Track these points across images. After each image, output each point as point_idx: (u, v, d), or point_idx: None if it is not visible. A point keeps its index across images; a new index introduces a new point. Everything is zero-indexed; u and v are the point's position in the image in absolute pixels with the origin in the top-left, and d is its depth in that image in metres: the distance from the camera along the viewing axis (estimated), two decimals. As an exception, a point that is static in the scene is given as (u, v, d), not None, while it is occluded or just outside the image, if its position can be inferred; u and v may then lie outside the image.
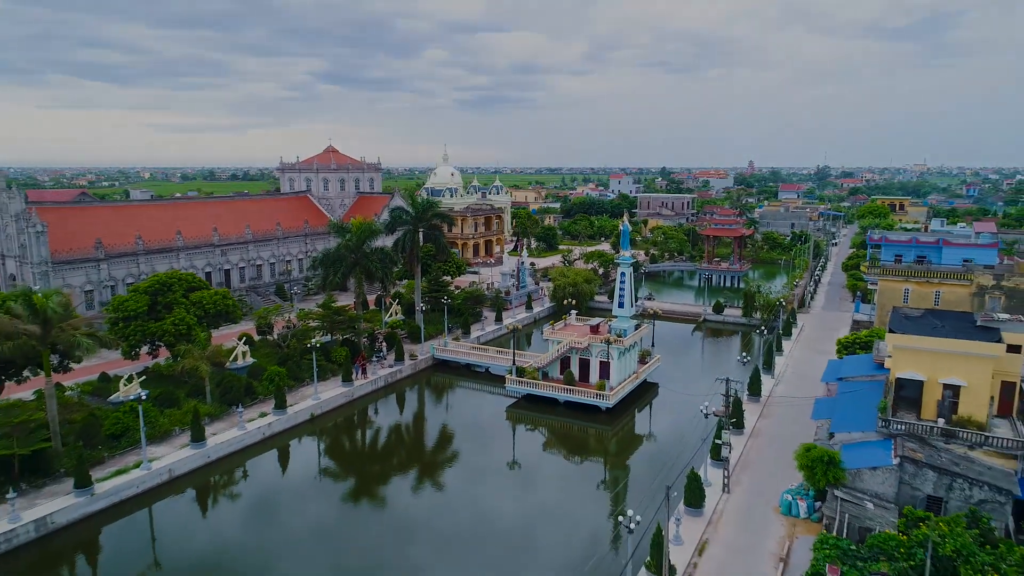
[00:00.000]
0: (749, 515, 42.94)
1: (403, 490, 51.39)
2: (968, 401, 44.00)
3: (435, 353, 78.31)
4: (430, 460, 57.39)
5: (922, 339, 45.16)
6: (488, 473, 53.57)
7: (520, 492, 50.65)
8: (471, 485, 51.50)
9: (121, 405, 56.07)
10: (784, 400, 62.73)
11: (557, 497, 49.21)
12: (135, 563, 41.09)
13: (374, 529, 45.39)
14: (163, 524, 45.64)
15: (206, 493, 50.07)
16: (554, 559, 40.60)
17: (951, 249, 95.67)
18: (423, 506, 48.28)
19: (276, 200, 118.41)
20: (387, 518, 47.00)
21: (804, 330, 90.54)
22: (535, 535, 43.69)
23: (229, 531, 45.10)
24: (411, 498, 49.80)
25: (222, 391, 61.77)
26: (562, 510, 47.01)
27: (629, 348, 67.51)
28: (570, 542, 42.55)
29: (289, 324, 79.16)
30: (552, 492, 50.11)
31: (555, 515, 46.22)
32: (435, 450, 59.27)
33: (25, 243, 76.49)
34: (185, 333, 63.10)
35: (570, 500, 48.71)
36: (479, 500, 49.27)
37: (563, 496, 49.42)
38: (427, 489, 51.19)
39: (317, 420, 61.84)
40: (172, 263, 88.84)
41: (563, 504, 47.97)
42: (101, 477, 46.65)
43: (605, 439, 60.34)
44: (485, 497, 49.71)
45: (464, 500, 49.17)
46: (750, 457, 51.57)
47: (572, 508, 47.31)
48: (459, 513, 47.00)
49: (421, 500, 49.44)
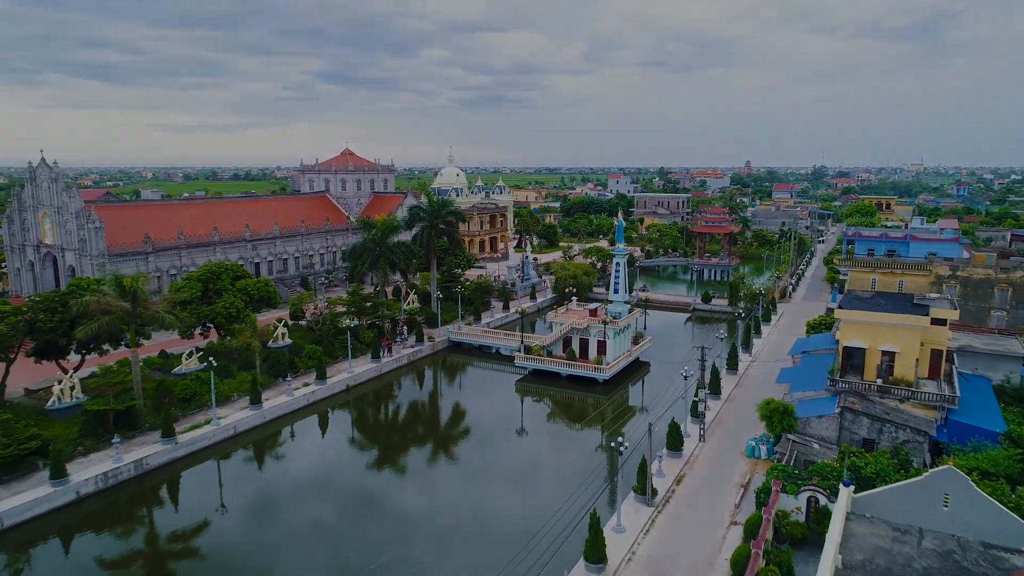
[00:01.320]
0: (720, 457, 52.20)
1: (428, 446, 60.67)
2: (901, 364, 53.33)
3: (450, 336, 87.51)
4: (450, 422, 66.66)
5: (864, 313, 54.50)
6: (501, 433, 62.84)
7: (529, 445, 59.91)
8: (487, 440, 60.83)
9: (185, 376, 65.34)
10: (758, 374, 71.93)
11: (561, 447, 58.47)
12: (211, 499, 50.33)
13: (403, 475, 54.64)
14: (230, 469, 54.87)
15: (263, 446, 59.23)
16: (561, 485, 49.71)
17: (917, 243, 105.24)
18: (447, 455, 57.57)
19: (298, 199, 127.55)
20: (415, 466, 56.24)
21: (783, 317, 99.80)
22: (545, 472, 52.95)
23: (283, 477, 54.29)
24: (436, 452, 59.07)
25: (268, 365, 70.93)
26: (565, 455, 56.26)
27: (623, 329, 76.72)
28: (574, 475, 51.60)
29: (317, 311, 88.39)
30: (557, 444, 59.39)
31: (560, 459, 55.48)
32: (454, 415, 68.54)
33: (85, 238, 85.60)
34: (235, 315, 72.22)
35: (572, 449, 57.94)
36: (495, 450, 58.55)
37: (566, 446, 58.67)
38: (450, 443, 60.50)
39: (352, 390, 71.15)
40: (209, 256, 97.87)
41: (566, 451, 57.21)
42: (180, 430, 55.82)
43: (602, 406, 69.50)
44: (500, 448, 58.99)
45: (482, 449, 58.47)
46: (724, 417, 60.82)
47: (574, 454, 56.53)
48: (480, 458, 56.28)
49: (445, 451, 58.72)
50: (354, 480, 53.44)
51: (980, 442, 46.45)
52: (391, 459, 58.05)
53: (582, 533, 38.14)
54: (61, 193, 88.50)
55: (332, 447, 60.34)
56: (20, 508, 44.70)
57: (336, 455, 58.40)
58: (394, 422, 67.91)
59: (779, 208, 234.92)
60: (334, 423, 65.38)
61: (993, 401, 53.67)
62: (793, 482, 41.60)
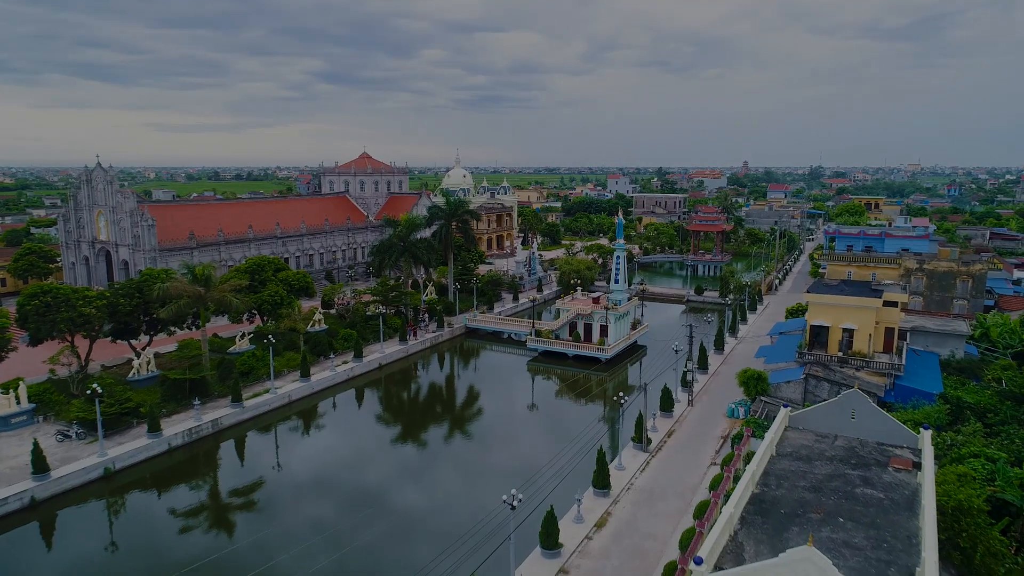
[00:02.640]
0: (705, 417, 61.83)
1: (455, 411, 70.26)
2: (858, 340, 62.99)
3: (467, 323, 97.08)
4: (471, 393, 76.26)
5: (828, 296, 64.17)
6: (517, 401, 72.46)
7: (542, 410, 69.50)
8: (506, 406, 70.47)
9: (241, 354, 74.81)
10: (742, 353, 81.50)
11: (569, 411, 68.04)
12: (272, 452, 59.94)
13: (430, 436, 64.23)
14: (286, 429, 64.49)
15: (312, 412, 68.77)
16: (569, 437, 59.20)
17: (891, 240, 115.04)
18: (472, 418, 67.18)
19: (321, 200, 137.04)
20: (444, 425, 65.84)
21: (768, 307, 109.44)
22: (556, 428, 62.42)
23: (329, 436, 63.96)
24: (461, 415, 68.71)
25: (309, 346, 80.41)
26: (573, 417, 65.75)
27: (623, 315, 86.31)
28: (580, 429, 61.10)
29: (345, 301, 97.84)
30: (565, 409, 69.00)
31: (568, 419, 64.97)
32: (475, 387, 78.17)
33: (138, 234, 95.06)
34: (279, 303, 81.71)
35: (578, 412, 67.49)
36: (513, 413, 68.18)
37: (573, 410, 68.24)
38: (473, 408, 70.10)
39: (384, 367, 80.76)
40: (244, 252, 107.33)
41: (573, 414, 66.74)
42: (245, 397, 65.33)
43: (604, 382, 79.03)
44: (517, 412, 68.62)
45: (502, 413, 68.12)
46: (710, 387, 70.46)
47: (580, 415, 66.02)
48: (500, 419, 65.91)
49: (469, 415, 68.35)
50: (392, 435, 62.96)
51: (919, 401, 56.01)
52: (423, 420, 67.65)
53: (590, 470, 47.64)
54: (116, 194, 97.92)
55: (369, 413, 70.07)
56: (126, 455, 54.24)
57: (373, 419, 68.07)
58: (422, 392, 77.52)
59: (772, 208, 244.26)
60: (369, 394, 75.02)
61: (936, 371, 63.23)
62: (762, 428, 51.20)
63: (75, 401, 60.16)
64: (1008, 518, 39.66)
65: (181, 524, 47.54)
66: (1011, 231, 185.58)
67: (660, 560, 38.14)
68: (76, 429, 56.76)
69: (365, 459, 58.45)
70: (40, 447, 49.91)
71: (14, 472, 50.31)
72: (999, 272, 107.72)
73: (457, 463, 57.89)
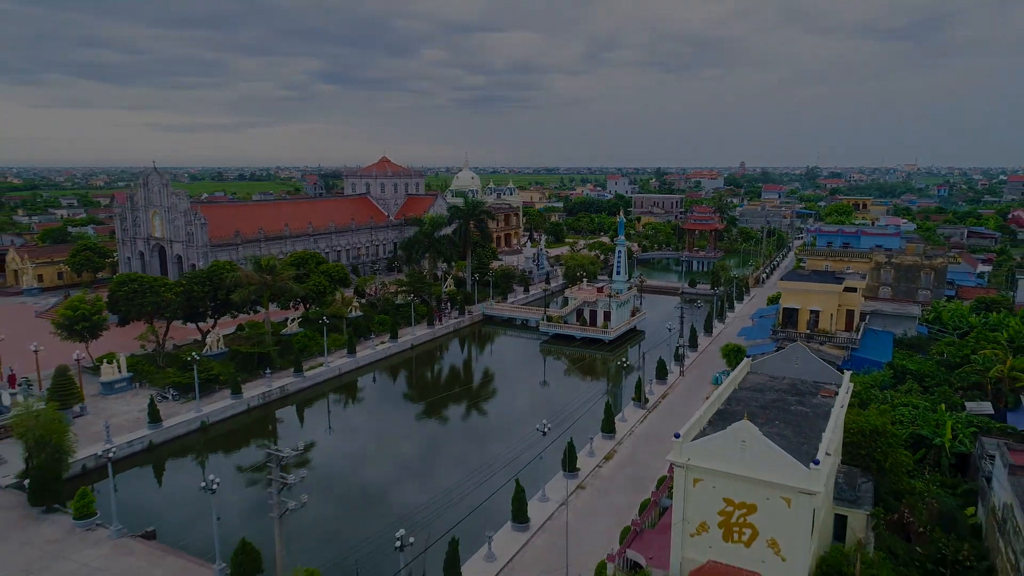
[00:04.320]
0: (693, 385, 73.52)
1: (479, 383, 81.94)
2: (823, 319, 74.69)
3: (484, 311, 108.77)
4: (495, 369, 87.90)
5: (797, 283, 75.89)
6: (533, 374, 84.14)
7: (554, 381, 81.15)
8: (524, 377, 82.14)
9: (293, 335, 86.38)
10: (727, 335, 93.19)
11: (578, 381, 79.72)
12: (326, 415, 71.64)
13: (464, 398, 75.94)
14: (337, 396, 76.18)
15: (358, 382, 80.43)
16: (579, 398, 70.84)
17: (867, 237, 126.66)
18: (495, 386, 78.84)
19: (346, 200, 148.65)
20: (472, 394, 77.53)
21: (755, 298, 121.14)
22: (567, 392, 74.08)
23: (378, 399, 75.56)
24: (485, 384, 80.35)
25: (350, 329, 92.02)
26: (581, 385, 77.44)
27: (624, 302, 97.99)
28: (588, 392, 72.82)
29: (375, 291, 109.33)
30: (575, 380, 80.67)
31: (577, 386, 76.63)
32: (496, 364, 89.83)
33: (192, 232, 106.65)
34: (322, 291, 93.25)
35: (586, 381, 79.17)
36: (530, 382, 79.87)
37: (581, 381, 79.92)
38: (495, 379, 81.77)
39: (416, 347, 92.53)
40: (281, 248, 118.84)
41: (582, 383, 78.44)
42: (305, 369, 76.95)
43: (607, 360, 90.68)
44: (534, 382, 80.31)
45: (520, 382, 79.79)
46: (699, 362, 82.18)
47: (588, 383, 77.74)
48: (519, 386, 77.57)
49: (493, 383, 80.00)
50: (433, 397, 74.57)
51: (870, 368, 67.69)
52: (456, 387, 79.32)
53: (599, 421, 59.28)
54: (171, 196, 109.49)
55: (407, 383, 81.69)
56: (216, 411, 65.88)
57: (410, 388, 79.70)
58: (454, 366, 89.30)
59: (765, 208, 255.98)
60: (405, 367, 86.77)
61: (889, 346, 74.89)
62: (738, 389, 62.74)
63: (170, 369, 71.79)
64: (924, 449, 51.56)
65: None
66: (988, 230, 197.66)
67: (654, 478, 49.79)
68: (172, 392, 68.41)
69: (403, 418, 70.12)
70: (155, 403, 61.58)
71: (130, 423, 61.90)
72: (962, 266, 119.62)
73: (489, 415, 69.78)
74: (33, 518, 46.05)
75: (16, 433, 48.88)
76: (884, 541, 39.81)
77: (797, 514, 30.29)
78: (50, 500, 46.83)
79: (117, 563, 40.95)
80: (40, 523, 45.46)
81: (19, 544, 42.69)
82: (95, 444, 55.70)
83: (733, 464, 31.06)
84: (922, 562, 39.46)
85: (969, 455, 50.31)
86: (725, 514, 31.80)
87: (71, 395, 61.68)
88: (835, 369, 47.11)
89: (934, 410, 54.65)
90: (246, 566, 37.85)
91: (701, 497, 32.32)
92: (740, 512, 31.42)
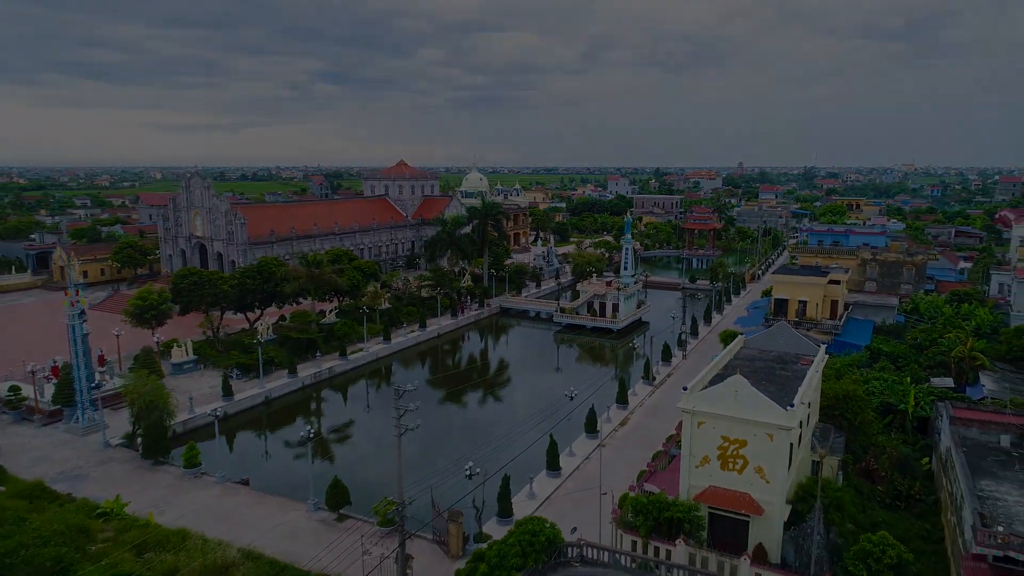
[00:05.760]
0: (694, 366, 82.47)
1: (504, 366, 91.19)
2: (810, 309, 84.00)
3: (501, 304, 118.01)
4: (516, 355, 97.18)
5: (786, 276, 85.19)
6: (549, 359, 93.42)
7: (568, 365, 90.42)
8: (541, 361, 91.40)
9: (332, 324, 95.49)
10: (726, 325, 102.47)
11: (590, 365, 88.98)
12: (377, 389, 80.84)
13: (491, 378, 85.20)
14: (377, 375, 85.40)
15: (394, 365, 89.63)
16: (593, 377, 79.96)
17: (855, 236, 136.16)
18: (516, 369, 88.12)
19: (366, 202, 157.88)
20: (497, 375, 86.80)
21: (750, 292, 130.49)
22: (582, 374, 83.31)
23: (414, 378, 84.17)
24: (505, 367, 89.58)
25: (384, 319, 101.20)
26: (594, 367, 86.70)
27: (631, 295, 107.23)
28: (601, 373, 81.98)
29: (399, 285, 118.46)
30: (588, 364, 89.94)
31: (590, 368, 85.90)
32: (517, 351, 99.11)
33: (232, 231, 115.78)
34: (356, 285, 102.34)
35: (598, 365, 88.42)
36: (547, 366, 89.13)
37: (594, 364, 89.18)
38: (514, 363, 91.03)
39: (442, 336, 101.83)
40: (311, 245, 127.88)
41: (594, 366, 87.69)
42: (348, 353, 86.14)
43: (616, 348, 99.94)
44: (549, 366, 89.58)
45: (538, 365, 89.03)
46: (699, 348, 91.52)
47: (600, 366, 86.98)
48: (537, 369, 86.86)
49: (513, 367, 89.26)
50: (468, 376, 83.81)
51: (850, 350, 76.93)
52: (485, 369, 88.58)
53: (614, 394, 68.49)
54: (212, 198, 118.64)
55: (440, 364, 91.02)
56: (277, 388, 75.12)
57: (444, 369, 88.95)
58: (468, 355, 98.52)
59: (762, 208, 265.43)
60: (435, 352, 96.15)
61: (868, 332, 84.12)
62: (734, 367, 72.01)
63: (233, 352, 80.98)
64: (892, 415, 60.88)
65: (323, 433, 68.41)
66: (974, 229, 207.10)
67: (662, 439, 59.03)
68: (236, 372, 77.56)
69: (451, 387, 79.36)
70: (227, 379, 70.83)
71: (204, 397, 70.99)
72: (943, 263, 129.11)
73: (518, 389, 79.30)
74: (146, 468, 55.26)
75: (128, 399, 57.98)
76: (851, 481, 49.09)
77: (778, 446, 39.43)
78: (159, 454, 56.03)
79: (228, 500, 50.16)
80: (154, 472, 54.69)
81: (142, 487, 51.84)
82: (179, 413, 64.89)
83: (729, 409, 40.23)
84: (882, 498, 48.83)
85: (928, 419, 59.63)
86: (722, 448, 40.95)
87: (153, 372, 70.74)
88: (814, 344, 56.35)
89: (901, 383, 63.96)
90: (337, 498, 47.06)
91: (703, 436, 41.49)
92: (734, 446, 40.58)
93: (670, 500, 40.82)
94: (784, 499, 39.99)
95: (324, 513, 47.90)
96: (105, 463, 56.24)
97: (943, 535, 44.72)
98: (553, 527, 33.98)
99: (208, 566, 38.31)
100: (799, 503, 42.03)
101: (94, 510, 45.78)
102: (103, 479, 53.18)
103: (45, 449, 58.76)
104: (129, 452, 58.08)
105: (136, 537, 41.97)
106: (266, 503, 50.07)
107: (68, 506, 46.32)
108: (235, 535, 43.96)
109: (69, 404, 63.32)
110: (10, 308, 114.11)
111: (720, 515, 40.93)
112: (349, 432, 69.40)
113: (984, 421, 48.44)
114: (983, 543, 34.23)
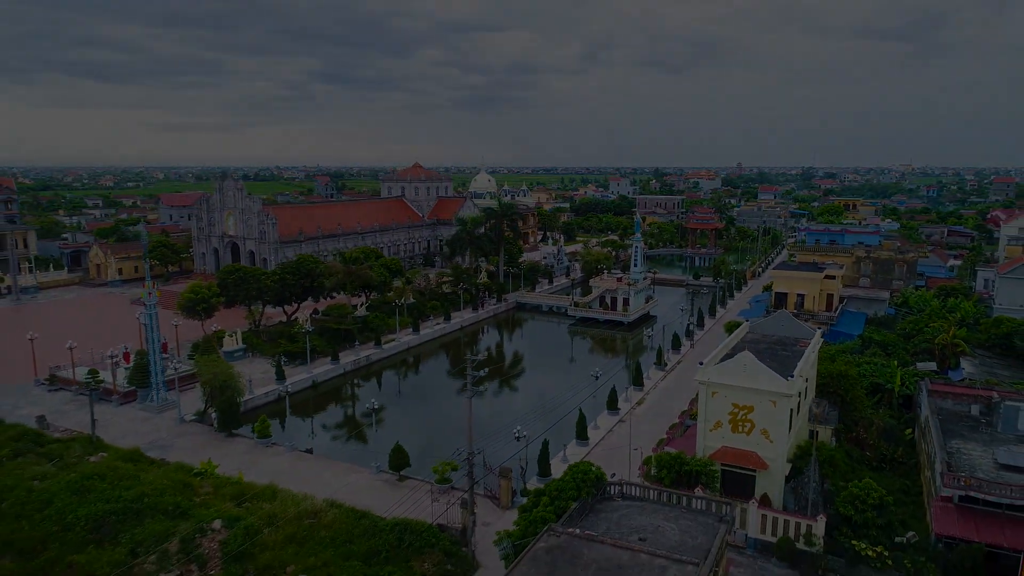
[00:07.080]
0: (702, 354, 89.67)
1: (525, 354, 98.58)
2: (807, 301, 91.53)
3: (517, 299, 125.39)
4: (536, 345, 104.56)
5: (785, 272, 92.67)
6: (565, 349, 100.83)
7: (583, 355, 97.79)
8: (558, 350, 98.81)
9: (363, 317, 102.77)
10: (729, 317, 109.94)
11: (604, 354, 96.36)
12: (415, 374, 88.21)
13: (516, 364, 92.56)
14: (408, 362, 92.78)
15: (423, 354, 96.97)
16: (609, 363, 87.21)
17: (850, 235, 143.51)
18: (535, 358, 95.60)
19: (384, 202, 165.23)
20: (520, 362, 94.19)
21: (751, 288, 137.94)
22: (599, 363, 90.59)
23: (447, 364, 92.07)
24: (523, 356, 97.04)
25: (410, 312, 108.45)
26: (608, 356, 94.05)
27: (640, 291, 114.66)
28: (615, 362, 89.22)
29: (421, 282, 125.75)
30: (602, 353, 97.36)
31: (604, 356, 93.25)
32: (536, 342, 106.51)
33: (264, 230, 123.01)
34: (382, 282, 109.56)
35: (611, 354, 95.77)
36: (563, 355, 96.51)
37: (607, 354, 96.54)
38: (534, 353, 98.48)
39: (464, 328, 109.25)
40: (335, 244, 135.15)
41: (608, 355, 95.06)
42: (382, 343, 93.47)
43: (627, 339, 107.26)
44: (565, 355, 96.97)
45: (555, 354, 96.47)
46: (705, 338, 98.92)
47: (613, 355, 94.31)
48: (554, 356, 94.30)
49: (532, 356, 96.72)
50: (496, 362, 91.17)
51: (844, 339, 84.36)
52: (512, 355, 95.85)
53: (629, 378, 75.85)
54: (245, 198, 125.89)
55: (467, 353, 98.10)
56: (322, 373, 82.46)
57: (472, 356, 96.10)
58: (488, 346, 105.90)
59: (761, 208, 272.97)
60: (460, 343, 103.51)
61: (861, 323, 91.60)
62: (738, 354, 79.44)
63: (281, 340, 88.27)
64: (880, 394, 68.29)
65: (369, 414, 75.70)
66: (966, 229, 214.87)
67: (676, 415, 66.41)
68: (283, 359, 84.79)
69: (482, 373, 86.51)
70: (281, 364, 78.16)
71: (257, 381, 78.15)
72: (933, 260, 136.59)
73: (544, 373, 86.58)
74: (221, 440, 62.58)
75: (202, 380, 65.23)
76: (843, 447, 56.50)
77: (780, 411, 46.80)
78: (232, 427, 63.31)
79: (299, 465, 57.46)
80: (229, 442, 62.01)
81: (221, 454, 59.01)
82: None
83: (738, 380, 47.60)
84: (869, 461, 56.24)
85: (912, 396, 67.05)
86: (733, 414, 48.33)
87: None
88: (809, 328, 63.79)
89: (889, 366, 71.39)
90: (399, 461, 54.39)
91: (717, 404, 48.87)
92: (743, 412, 47.96)
93: (688, 457, 48.22)
94: (785, 457, 47.42)
95: (386, 475, 55.21)
96: (183, 435, 63.54)
97: (921, 490, 52.12)
98: (599, 469, 41.26)
99: (301, 512, 45.62)
100: (798, 461, 49.43)
101: (190, 471, 53.01)
102: (185, 448, 60.43)
103: (127, 424, 66.05)
104: (203, 426, 65.38)
105: (233, 492, 49.24)
106: (333, 467, 57.39)
107: (166, 468, 53.56)
108: (313, 491, 51.10)
109: (143, 385, 70.60)
110: (56, 303, 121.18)
111: (731, 471, 48.38)
112: (393, 411, 76.69)
113: (957, 394, 55.91)
114: (949, 485, 41.60)
